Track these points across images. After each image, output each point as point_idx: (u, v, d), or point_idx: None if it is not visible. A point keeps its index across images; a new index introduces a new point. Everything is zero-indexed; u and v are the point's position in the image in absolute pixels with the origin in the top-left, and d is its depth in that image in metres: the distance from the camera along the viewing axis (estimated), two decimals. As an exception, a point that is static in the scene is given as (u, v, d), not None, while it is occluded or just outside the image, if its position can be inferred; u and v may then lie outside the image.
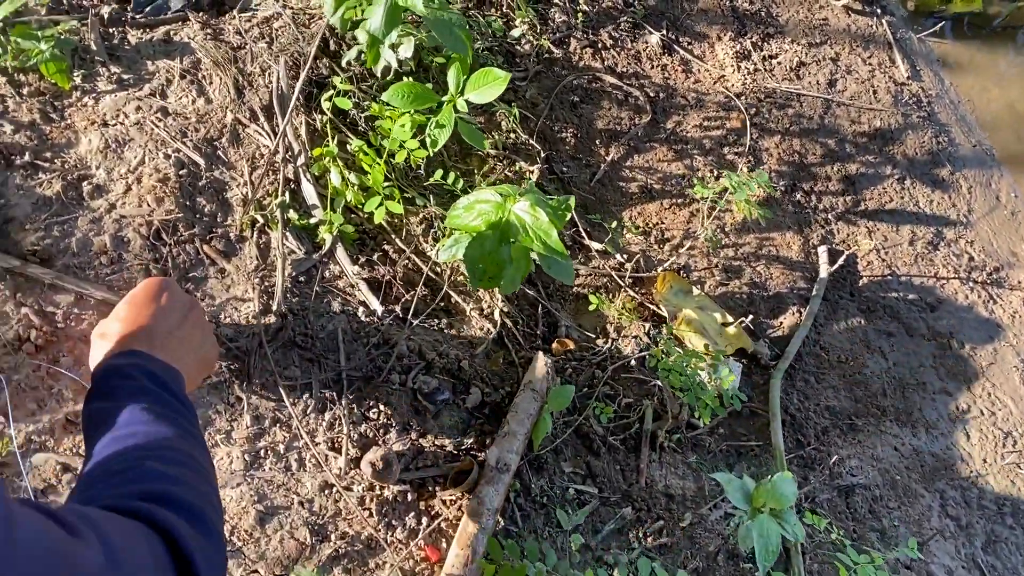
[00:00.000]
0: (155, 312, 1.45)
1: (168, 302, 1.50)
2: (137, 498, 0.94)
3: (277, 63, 2.69)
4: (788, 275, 3.07)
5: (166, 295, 1.52)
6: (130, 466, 1.00)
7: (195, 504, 0.97)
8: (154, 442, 1.06)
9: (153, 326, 1.42)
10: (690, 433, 2.60)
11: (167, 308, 1.49)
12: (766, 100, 3.46)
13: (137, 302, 1.47)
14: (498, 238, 2.22)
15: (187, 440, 1.13)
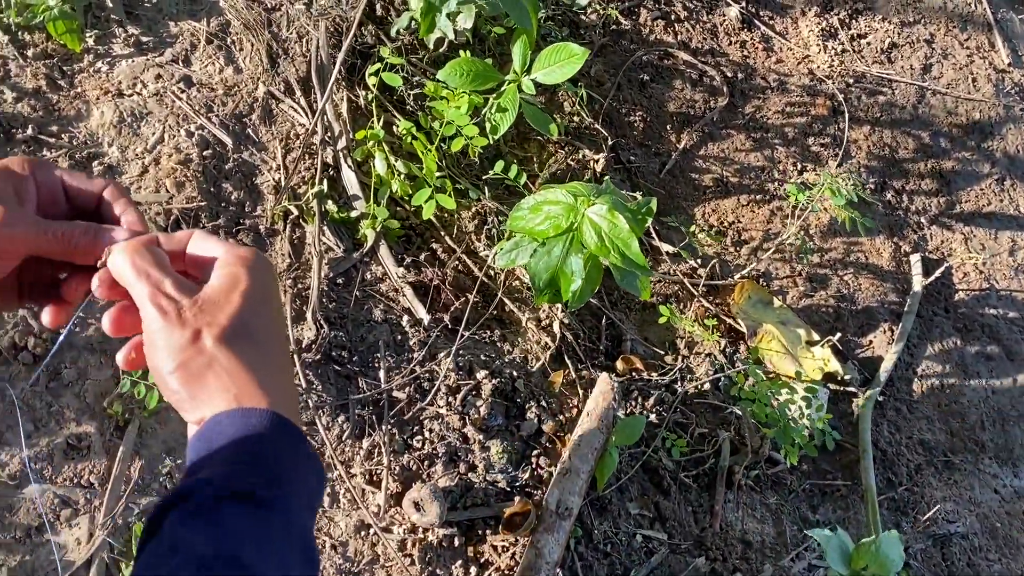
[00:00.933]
0: (272, 319, 0.81)
1: (272, 289, 0.83)
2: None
3: (317, 29, 2.36)
4: (878, 286, 2.73)
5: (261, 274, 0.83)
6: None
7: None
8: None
9: (276, 350, 0.81)
10: (770, 469, 2.30)
11: (271, 302, 0.82)
12: (855, 85, 3.09)
13: (257, 296, 0.80)
14: (568, 246, 1.91)
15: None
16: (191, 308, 0.74)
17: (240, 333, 0.76)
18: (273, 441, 0.75)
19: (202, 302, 0.75)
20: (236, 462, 0.72)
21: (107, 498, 1.74)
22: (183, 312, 0.74)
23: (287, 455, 0.75)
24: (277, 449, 0.75)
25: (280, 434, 0.75)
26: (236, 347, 0.75)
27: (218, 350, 0.74)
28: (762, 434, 2.25)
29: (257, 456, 0.73)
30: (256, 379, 0.76)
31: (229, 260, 0.79)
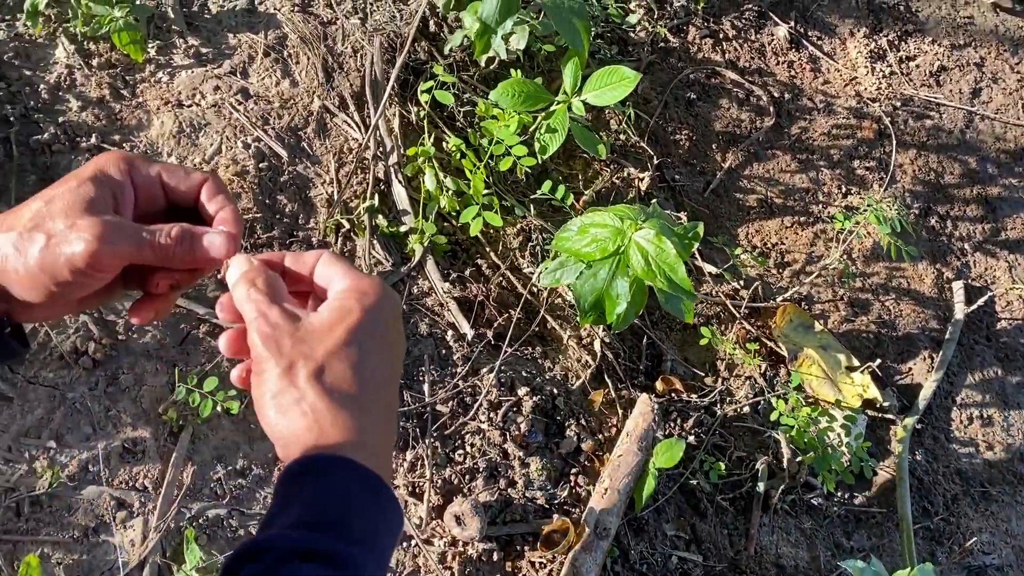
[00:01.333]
0: (386, 376, 0.77)
1: (386, 328, 0.78)
2: None
3: (371, 44, 2.40)
4: (919, 313, 2.73)
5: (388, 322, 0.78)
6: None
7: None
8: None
9: (380, 407, 0.77)
10: (806, 495, 2.31)
11: (390, 357, 0.78)
12: (902, 108, 3.08)
13: (370, 346, 0.75)
14: (614, 270, 1.93)
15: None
16: (290, 338, 0.72)
17: (336, 370, 0.72)
18: (349, 495, 0.72)
19: (303, 332, 0.72)
20: (310, 518, 0.71)
21: (160, 502, 1.80)
22: (281, 341, 0.72)
23: (363, 509, 0.73)
24: (352, 504, 0.72)
25: (358, 487, 0.73)
26: (327, 384, 0.72)
27: (309, 386, 0.71)
28: (800, 459, 2.26)
29: (331, 512, 0.71)
30: (342, 422, 0.72)
31: (345, 291, 0.75)
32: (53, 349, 1.86)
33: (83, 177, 0.73)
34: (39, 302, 0.73)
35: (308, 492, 0.71)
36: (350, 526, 0.71)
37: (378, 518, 0.73)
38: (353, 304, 0.74)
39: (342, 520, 0.71)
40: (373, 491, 0.73)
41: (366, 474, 0.72)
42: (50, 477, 1.75)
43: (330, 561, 0.68)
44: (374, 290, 0.75)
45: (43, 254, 0.70)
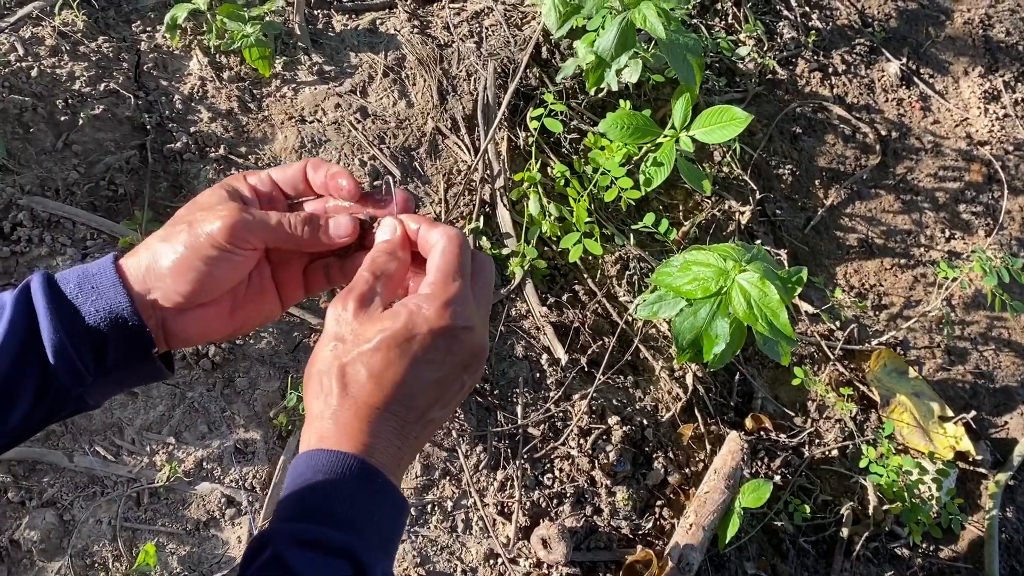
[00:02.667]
0: (423, 372, 0.77)
1: (453, 351, 0.78)
2: None
3: (485, 68, 2.47)
4: (1020, 366, 2.67)
5: (452, 337, 0.78)
6: None
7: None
8: None
9: (409, 405, 0.77)
10: (890, 543, 2.29)
11: (445, 365, 0.78)
12: (1014, 153, 3.01)
13: (413, 352, 0.76)
14: (715, 310, 1.95)
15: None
16: (346, 326, 0.76)
17: (357, 371, 0.74)
18: (343, 486, 0.74)
19: (356, 325, 0.75)
20: (311, 509, 0.73)
21: (267, 502, 1.90)
22: (341, 328, 0.76)
23: (357, 499, 0.74)
24: (346, 494, 0.74)
25: (351, 478, 0.74)
26: (346, 382, 0.74)
27: (335, 370, 0.75)
28: (886, 508, 2.24)
29: (330, 503, 0.73)
30: (347, 413, 0.75)
31: (414, 298, 0.76)
32: (176, 350, 1.98)
33: (216, 187, 0.82)
34: (191, 294, 0.78)
35: (304, 485, 0.74)
36: (344, 514, 0.73)
37: (374, 508, 0.75)
38: (403, 313, 0.75)
39: (338, 510, 0.73)
40: (366, 481, 0.74)
41: (362, 467, 0.74)
42: (168, 471, 1.87)
43: (329, 547, 0.71)
44: (428, 315, 0.75)
45: (188, 236, 0.77)
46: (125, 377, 0.82)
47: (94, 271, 0.78)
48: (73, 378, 0.76)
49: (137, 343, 0.78)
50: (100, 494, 1.83)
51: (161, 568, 1.80)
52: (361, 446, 0.74)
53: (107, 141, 2.14)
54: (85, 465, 1.84)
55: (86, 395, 0.79)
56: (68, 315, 0.76)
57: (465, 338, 0.78)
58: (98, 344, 0.77)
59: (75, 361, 0.76)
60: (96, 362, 0.77)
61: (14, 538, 1.75)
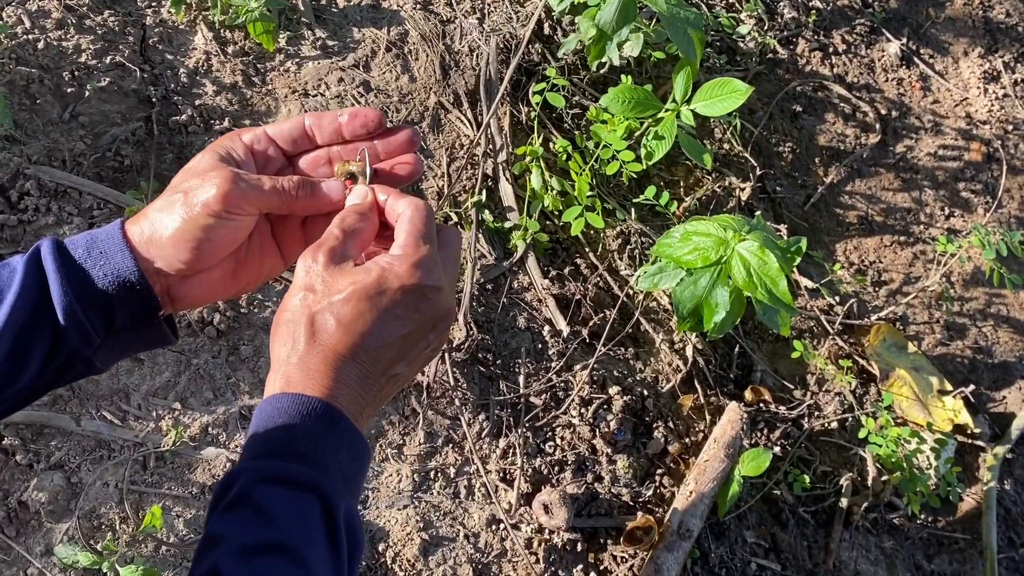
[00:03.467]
0: (391, 326, 0.80)
1: (421, 309, 0.81)
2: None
3: (487, 44, 2.48)
4: (1018, 341, 2.69)
5: (423, 294, 0.81)
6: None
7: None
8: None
9: (375, 356, 0.80)
10: (889, 514, 2.31)
11: (412, 322, 0.81)
12: (1013, 132, 3.02)
13: (376, 302, 0.79)
14: (715, 279, 1.97)
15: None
16: (318, 277, 0.78)
17: (327, 320, 0.77)
18: (306, 425, 0.75)
19: (329, 276, 0.78)
20: (274, 447, 0.75)
21: (271, 467, 1.92)
22: (312, 277, 0.78)
23: (319, 437, 0.76)
24: (309, 432, 0.75)
25: (313, 418, 0.76)
26: (316, 328, 0.77)
27: (303, 317, 0.77)
28: (885, 479, 2.27)
29: (292, 441, 0.75)
30: (314, 364, 0.77)
31: (384, 257, 0.80)
32: (182, 317, 2.00)
33: (209, 150, 0.84)
34: (192, 261, 0.80)
35: (270, 425, 0.76)
36: (310, 451, 0.75)
37: (336, 445, 0.76)
38: (375, 269, 0.78)
39: (303, 447, 0.74)
40: (328, 421, 0.76)
41: (323, 408, 0.75)
42: (174, 436, 1.89)
43: (296, 482, 0.72)
44: (399, 272, 0.78)
45: (184, 206, 0.79)
46: (132, 340, 0.84)
47: (102, 236, 0.81)
48: (82, 340, 0.79)
49: (144, 306, 0.81)
50: (107, 458, 1.85)
51: (167, 530, 1.82)
52: (326, 390, 0.76)
53: (113, 113, 2.16)
54: (92, 429, 1.86)
55: (94, 357, 0.81)
56: (78, 279, 0.78)
57: (433, 297, 0.80)
58: (106, 307, 0.79)
59: (84, 323, 0.78)
60: (105, 325, 0.80)
61: (22, 499, 1.77)
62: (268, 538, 0.70)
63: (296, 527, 0.72)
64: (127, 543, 1.78)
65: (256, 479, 0.72)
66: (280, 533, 0.71)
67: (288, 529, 0.71)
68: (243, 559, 0.70)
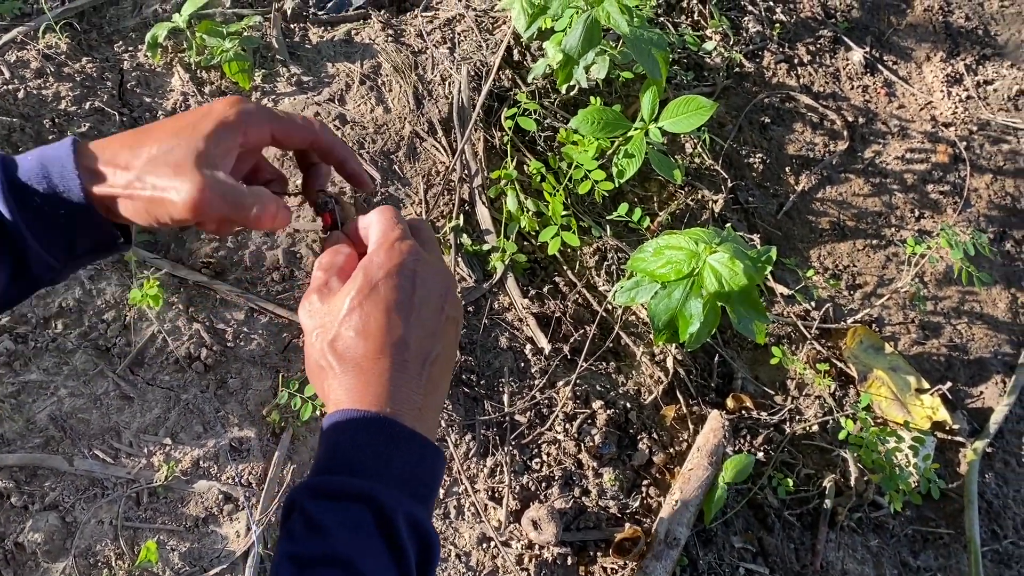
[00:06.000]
0: (399, 311, 0.83)
1: (416, 283, 0.85)
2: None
3: (459, 72, 2.54)
4: (992, 337, 2.75)
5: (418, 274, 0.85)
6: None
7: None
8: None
9: (402, 345, 0.82)
10: (873, 513, 2.35)
11: (416, 298, 0.84)
12: (978, 133, 3.09)
13: (396, 298, 0.83)
14: (688, 291, 2.02)
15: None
16: (317, 312, 0.83)
17: (345, 337, 0.81)
18: (362, 438, 0.78)
19: (327, 306, 0.83)
20: (330, 463, 0.78)
21: (263, 497, 1.95)
22: (313, 316, 0.84)
23: (372, 448, 0.78)
24: (366, 443, 0.78)
25: (365, 431, 0.78)
26: (339, 350, 0.81)
27: (327, 352, 0.82)
28: (867, 478, 2.31)
29: (347, 455, 0.78)
30: (347, 379, 0.81)
31: (360, 264, 0.84)
32: (169, 354, 2.04)
33: (201, 131, 0.81)
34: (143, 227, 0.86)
35: (323, 446, 0.80)
36: (361, 463, 0.77)
37: (393, 453, 0.78)
38: (359, 272, 0.83)
39: (355, 459, 0.77)
40: (377, 431, 0.79)
41: (372, 418, 0.78)
42: (166, 471, 1.93)
43: (346, 495, 0.75)
44: (379, 260, 0.83)
45: (149, 201, 0.80)
46: (93, 258, 0.87)
47: (56, 174, 0.80)
48: (46, 268, 0.83)
49: (104, 236, 0.84)
50: (100, 495, 1.89)
51: (163, 564, 1.85)
52: (373, 398, 0.79)
53: (94, 157, 2.21)
54: (85, 468, 1.90)
55: (57, 277, 0.85)
56: (39, 222, 0.80)
57: (422, 270, 0.84)
58: (68, 243, 0.83)
59: (47, 257, 0.82)
60: (66, 255, 0.84)
61: (19, 541, 1.80)
62: (321, 551, 0.72)
63: (346, 538, 0.73)
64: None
65: (309, 496, 0.76)
66: (331, 546, 0.73)
67: (338, 542, 0.73)
68: (298, 571, 0.72)
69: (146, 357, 2.04)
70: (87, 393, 1.98)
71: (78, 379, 1.99)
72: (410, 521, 0.76)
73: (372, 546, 0.74)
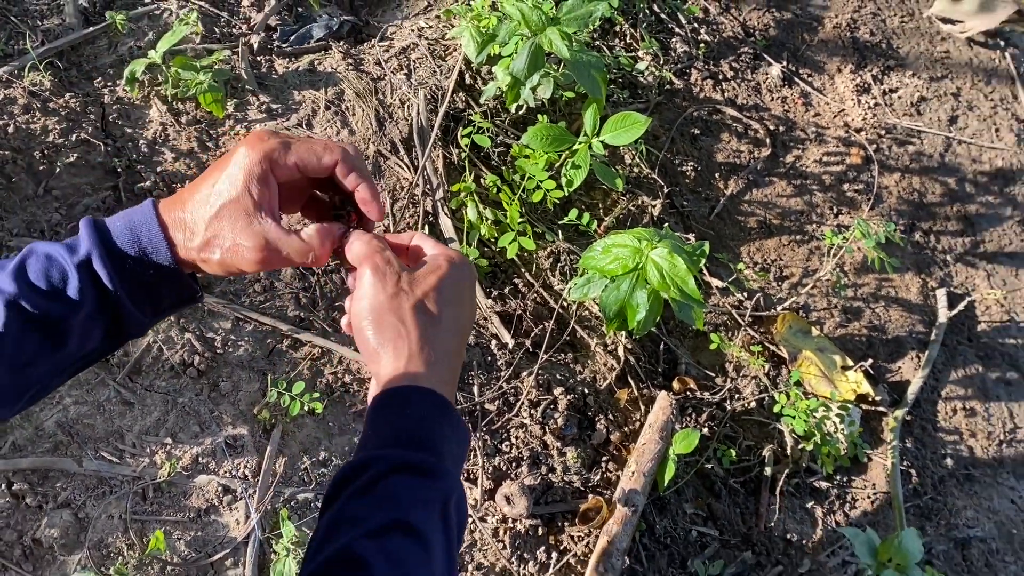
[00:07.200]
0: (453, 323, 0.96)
1: (464, 283, 1.00)
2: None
3: (416, 96, 2.78)
4: (907, 318, 3.06)
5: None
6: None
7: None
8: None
9: (454, 353, 0.96)
10: (809, 478, 2.62)
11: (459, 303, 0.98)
12: (886, 136, 3.43)
13: (455, 299, 0.96)
14: (634, 283, 2.27)
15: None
16: (396, 275, 0.92)
17: (426, 308, 0.91)
18: (427, 416, 0.88)
19: (407, 274, 0.93)
20: (400, 437, 0.87)
21: (259, 488, 2.14)
22: (391, 275, 0.91)
23: (437, 426, 0.88)
24: (430, 424, 0.88)
25: (434, 410, 0.89)
26: (420, 317, 0.91)
27: (407, 315, 0.90)
28: (802, 447, 2.58)
29: (415, 431, 0.87)
30: (424, 351, 0.90)
31: (437, 254, 0.97)
32: (165, 362, 2.22)
33: (239, 188, 0.89)
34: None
35: (395, 417, 0.88)
36: (432, 441, 0.87)
37: (451, 434, 0.90)
38: (443, 262, 0.95)
39: (426, 437, 0.87)
40: (444, 412, 0.90)
41: (439, 399, 0.90)
42: (168, 468, 2.10)
43: (421, 470, 0.85)
44: (458, 256, 0.96)
45: (222, 262, 0.91)
46: (173, 311, 0.98)
47: (145, 239, 0.90)
48: (137, 324, 0.94)
49: (185, 290, 0.95)
50: (109, 493, 2.05)
51: (171, 552, 2.02)
52: (445, 383, 0.91)
53: (83, 185, 2.38)
54: (93, 469, 2.06)
55: (144, 328, 0.95)
56: (130, 283, 0.90)
57: (473, 282, 1.01)
58: (155, 299, 0.93)
59: (137, 315, 0.92)
60: (153, 310, 0.94)
61: (36, 537, 1.96)
62: (398, 518, 0.80)
63: (420, 511, 0.82)
64: (135, 566, 1.98)
65: (389, 469, 0.84)
66: (408, 515, 0.81)
67: (414, 512, 0.81)
68: (376, 539, 0.79)
69: (143, 366, 2.21)
70: (90, 400, 2.14)
71: (81, 388, 2.15)
72: (458, 500, 0.88)
73: (436, 519, 0.84)
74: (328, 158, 0.93)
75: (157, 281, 0.91)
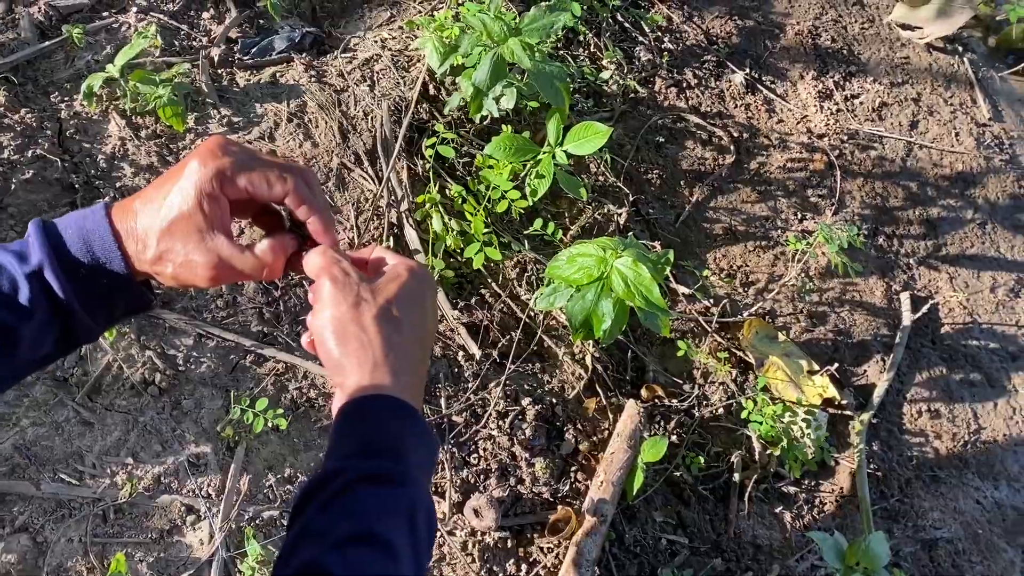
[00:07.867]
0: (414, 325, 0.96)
1: (424, 291, 1.00)
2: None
3: (380, 107, 2.76)
4: (871, 321, 3.09)
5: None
6: None
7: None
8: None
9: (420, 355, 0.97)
10: (777, 483, 2.64)
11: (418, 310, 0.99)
12: (849, 141, 3.47)
13: (414, 306, 0.96)
14: (599, 292, 2.27)
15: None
16: (361, 285, 0.92)
17: (389, 316, 0.91)
18: (394, 426, 0.87)
19: (367, 283, 0.93)
20: (366, 448, 0.86)
21: (223, 507, 2.11)
22: (350, 286, 0.91)
23: (405, 435, 0.88)
24: (397, 431, 0.87)
25: (400, 417, 0.88)
26: (383, 327, 0.90)
27: (370, 324, 0.90)
28: (769, 452, 2.59)
29: (382, 441, 0.86)
30: (389, 360, 0.90)
31: (397, 263, 0.98)
32: (125, 380, 2.18)
33: (191, 204, 0.89)
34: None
35: (361, 427, 0.87)
36: (398, 450, 0.86)
37: (418, 443, 0.90)
38: (402, 270, 0.96)
39: (393, 446, 0.87)
40: (411, 421, 0.89)
41: (406, 408, 0.89)
42: (129, 488, 2.06)
43: (388, 479, 0.84)
44: (418, 265, 0.98)
45: (175, 276, 0.91)
46: (126, 318, 0.98)
47: (97, 246, 0.89)
48: (88, 331, 0.93)
49: (138, 300, 0.95)
50: (69, 516, 2.01)
51: (132, 574, 1.99)
52: (412, 391, 0.91)
53: (40, 201, 2.34)
54: (51, 491, 2.02)
55: (94, 335, 0.94)
56: (83, 291, 0.89)
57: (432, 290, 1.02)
58: (107, 308, 0.92)
59: (89, 322, 0.91)
60: (106, 319, 0.94)
61: (-7, 563, 1.92)
62: (364, 529, 0.80)
63: (387, 520, 0.82)
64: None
65: (355, 479, 0.83)
66: (374, 526, 0.81)
67: (381, 522, 0.81)
68: (342, 550, 0.79)
69: (103, 384, 2.17)
70: (48, 421, 2.10)
71: (39, 410, 2.11)
72: (427, 511, 0.88)
73: (403, 529, 0.83)
74: (279, 188, 0.93)
75: (110, 290, 0.91)
